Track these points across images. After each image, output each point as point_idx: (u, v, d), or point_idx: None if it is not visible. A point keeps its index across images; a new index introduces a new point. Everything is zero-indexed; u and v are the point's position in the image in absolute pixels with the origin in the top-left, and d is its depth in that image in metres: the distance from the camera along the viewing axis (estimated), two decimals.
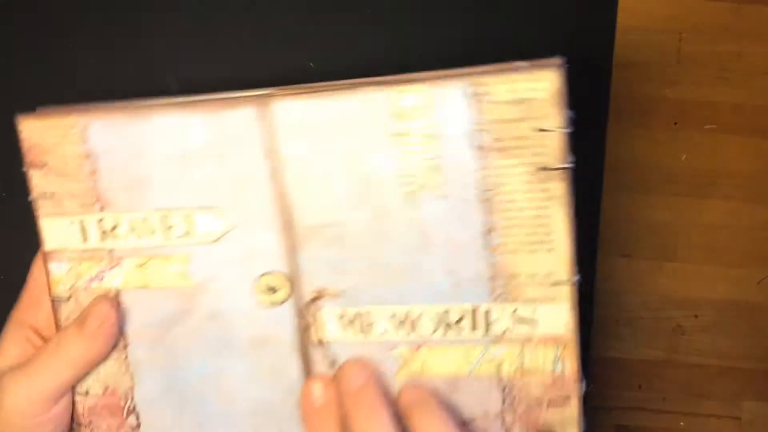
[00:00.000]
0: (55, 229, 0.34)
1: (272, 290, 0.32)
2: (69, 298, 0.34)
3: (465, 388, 0.32)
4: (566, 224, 0.30)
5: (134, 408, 0.35)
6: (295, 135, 0.31)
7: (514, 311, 0.31)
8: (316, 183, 0.31)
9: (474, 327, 0.31)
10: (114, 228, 0.33)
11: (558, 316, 0.31)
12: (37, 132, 0.33)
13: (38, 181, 0.34)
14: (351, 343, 0.32)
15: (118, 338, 0.34)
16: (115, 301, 0.33)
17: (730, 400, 0.48)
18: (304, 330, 0.32)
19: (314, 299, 0.32)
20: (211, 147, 0.31)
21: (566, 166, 0.29)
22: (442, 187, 0.30)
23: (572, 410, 0.32)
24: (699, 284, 0.48)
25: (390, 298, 0.31)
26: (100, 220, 0.33)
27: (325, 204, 0.31)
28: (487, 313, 0.31)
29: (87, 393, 0.34)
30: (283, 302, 0.32)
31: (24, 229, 0.48)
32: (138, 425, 0.35)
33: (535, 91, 0.29)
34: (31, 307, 0.36)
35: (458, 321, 0.31)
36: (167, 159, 0.32)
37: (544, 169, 0.29)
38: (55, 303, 0.34)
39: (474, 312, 0.31)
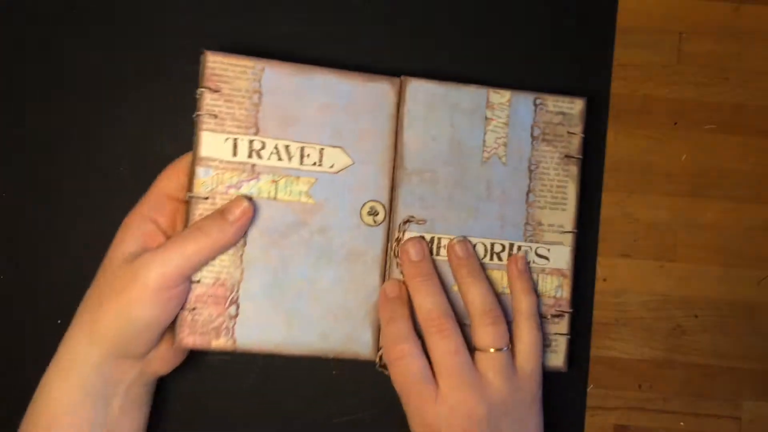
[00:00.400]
0: (211, 142, 0.42)
1: (374, 214, 0.44)
2: (207, 198, 0.42)
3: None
4: (576, 193, 0.45)
5: (237, 299, 0.42)
6: (418, 106, 0.44)
7: (537, 249, 0.45)
8: (423, 141, 0.44)
9: (510, 257, 0.45)
10: (261, 149, 0.42)
11: (563, 255, 0.45)
12: (221, 65, 0.42)
13: (209, 103, 0.42)
14: None
15: (245, 233, 0.41)
16: (252, 201, 0.41)
17: (730, 400, 0.48)
18: (390, 247, 0.44)
19: (405, 222, 0.44)
20: (353, 104, 0.43)
21: (580, 156, 0.45)
22: (506, 157, 0.45)
23: (564, 325, 0.45)
24: (699, 284, 0.48)
25: (457, 230, 0.44)
26: (252, 141, 0.42)
27: (426, 156, 0.44)
28: (519, 248, 0.45)
29: (199, 281, 0.42)
30: (379, 224, 0.44)
31: (24, 229, 0.48)
32: (236, 315, 0.42)
33: (571, 109, 0.45)
34: (157, 207, 0.42)
35: (500, 252, 0.45)
36: (316, 106, 0.43)
37: (568, 156, 0.45)
38: (192, 201, 0.42)
39: (512, 247, 0.45)
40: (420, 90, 0.44)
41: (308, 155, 0.43)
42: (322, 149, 0.43)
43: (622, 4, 0.48)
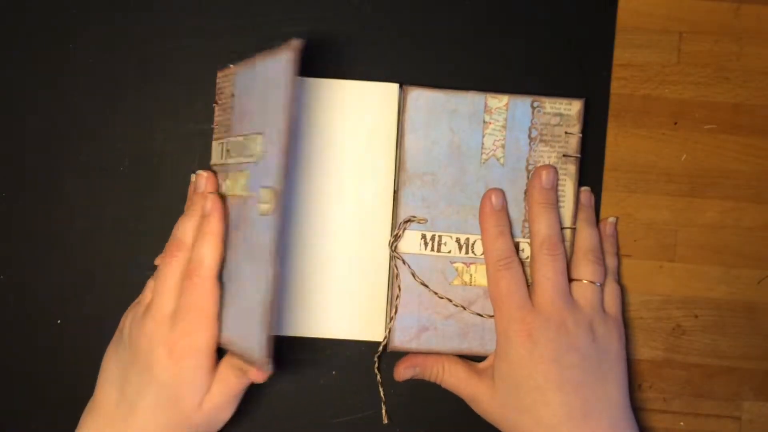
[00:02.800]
0: (214, 149, 0.47)
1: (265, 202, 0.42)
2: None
3: None
4: (573, 191, 0.46)
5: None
6: (418, 113, 0.46)
7: None
8: (424, 145, 0.46)
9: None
10: (228, 150, 0.45)
11: None
12: (221, 79, 0.47)
13: (216, 114, 0.47)
14: (426, 255, 0.46)
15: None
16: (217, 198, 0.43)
17: (730, 400, 0.48)
18: (394, 244, 0.46)
19: (406, 221, 0.46)
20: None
21: (578, 155, 0.46)
22: (504, 159, 0.46)
23: None
24: (699, 284, 0.48)
25: (456, 228, 0.46)
26: (226, 142, 0.45)
27: (426, 159, 0.46)
28: (518, 244, 0.46)
29: None
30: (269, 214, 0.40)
31: (24, 229, 0.48)
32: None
33: (568, 110, 0.46)
34: None
35: None
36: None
37: (566, 156, 0.46)
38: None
39: None
40: (420, 97, 0.46)
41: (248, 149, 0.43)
42: (252, 137, 0.42)
43: (622, 4, 0.48)
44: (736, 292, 0.48)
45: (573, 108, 0.46)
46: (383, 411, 0.47)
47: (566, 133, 0.46)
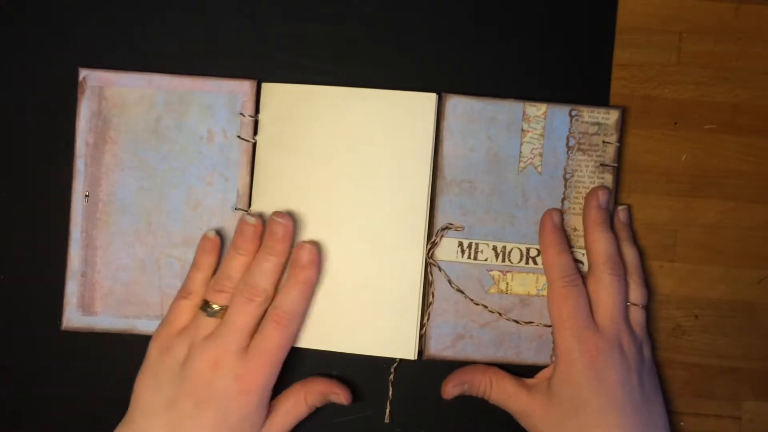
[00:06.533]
0: None
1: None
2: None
3: (532, 304, 0.47)
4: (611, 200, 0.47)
5: None
6: (457, 120, 0.46)
7: (572, 254, 0.46)
8: (462, 152, 0.47)
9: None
10: None
11: None
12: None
13: None
14: (462, 263, 0.47)
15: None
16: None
17: (730, 400, 0.48)
18: (431, 251, 0.46)
19: (444, 228, 0.46)
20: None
21: (615, 165, 0.47)
22: (541, 167, 0.47)
23: None
24: (699, 284, 0.48)
25: (494, 236, 0.47)
26: None
27: (464, 167, 0.47)
28: None
29: None
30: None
31: (24, 228, 0.48)
32: None
33: (606, 119, 0.47)
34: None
35: (536, 256, 0.47)
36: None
37: (603, 165, 0.47)
38: None
39: None
40: (459, 104, 0.46)
41: None
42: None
43: (622, 4, 0.48)
44: (736, 292, 0.48)
45: (611, 117, 0.47)
46: (387, 411, 0.47)
47: (604, 142, 0.46)
